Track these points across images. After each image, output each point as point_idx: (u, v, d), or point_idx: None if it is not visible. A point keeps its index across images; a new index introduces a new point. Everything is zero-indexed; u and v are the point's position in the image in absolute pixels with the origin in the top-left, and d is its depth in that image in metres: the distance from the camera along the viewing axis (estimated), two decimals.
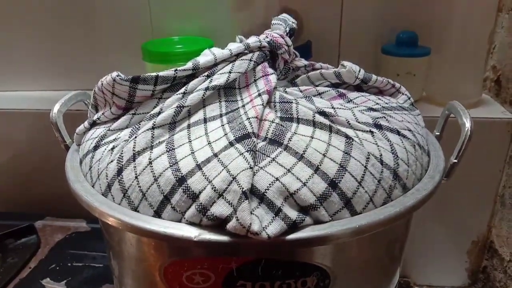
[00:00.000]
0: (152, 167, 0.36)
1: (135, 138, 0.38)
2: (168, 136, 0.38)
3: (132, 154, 0.37)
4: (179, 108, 0.39)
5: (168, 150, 0.36)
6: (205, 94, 0.40)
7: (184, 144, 0.37)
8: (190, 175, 0.34)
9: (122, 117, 0.41)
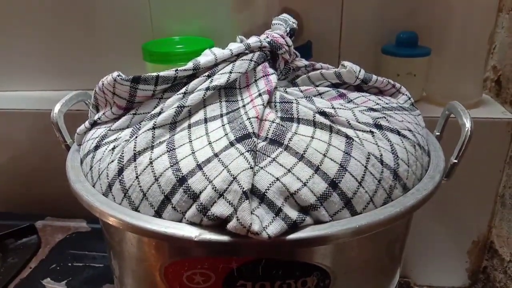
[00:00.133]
0: (152, 167, 0.36)
1: (136, 138, 0.38)
2: (169, 136, 0.38)
3: (133, 154, 0.37)
4: (179, 108, 0.39)
5: (169, 150, 0.36)
6: (206, 94, 0.40)
7: (184, 144, 0.37)
8: (191, 175, 0.34)
9: (123, 117, 0.41)
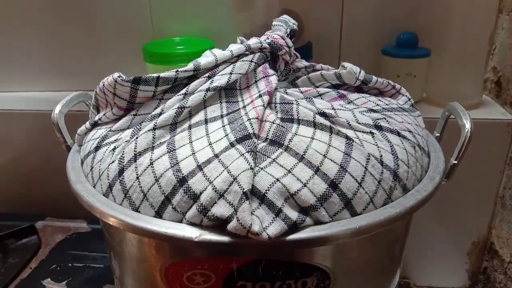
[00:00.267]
0: (153, 167, 0.36)
1: (136, 138, 0.38)
2: (169, 136, 0.38)
3: (133, 155, 0.37)
4: (180, 109, 0.39)
5: (169, 150, 0.37)
6: (206, 95, 0.40)
7: (185, 144, 0.37)
8: (191, 175, 0.34)
9: (124, 118, 0.41)
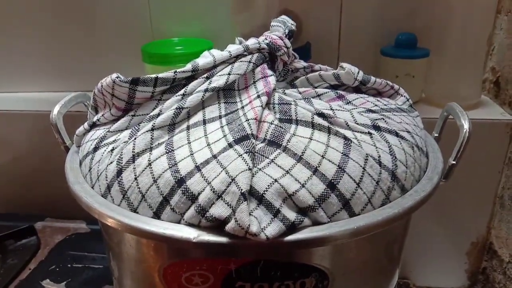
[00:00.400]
0: (151, 168, 0.36)
1: (135, 139, 0.38)
2: (168, 137, 0.38)
3: (132, 156, 0.37)
4: (178, 109, 0.39)
5: (168, 151, 0.37)
6: (205, 95, 0.40)
7: (183, 145, 0.37)
8: (189, 176, 0.34)
9: (122, 118, 0.41)
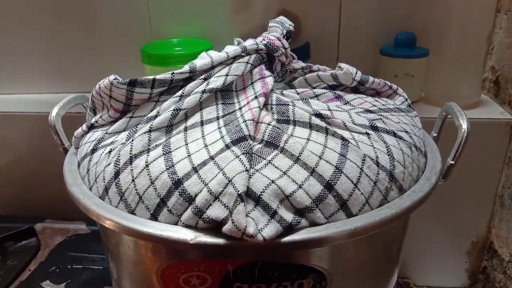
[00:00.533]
0: (148, 170, 0.36)
1: (132, 141, 0.38)
2: (165, 139, 0.38)
3: (129, 157, 0.37)
4: (176, 111, 0.39)
5: (165, 153, 0.37)
6: (202, 97, 0.40)
7: (180, 147, 0.37)
8: (187, 178, 0.34)
9: (120, 120, 0.41)
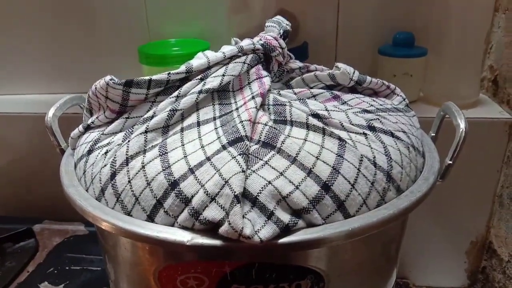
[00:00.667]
0: (145, 171, 0.36)
1: (128, 142, 0.38)
2: (161, 140, 0.38)
3: (125, 158, 0.37)
4: (172, 111, 0.39)
5: (161, 154, 0.36)
6: (199, 97, 0.40)
7: (177, 148, 0.37)
8: (183, 179, 0.34)
9: (116, 121, 0.41)
